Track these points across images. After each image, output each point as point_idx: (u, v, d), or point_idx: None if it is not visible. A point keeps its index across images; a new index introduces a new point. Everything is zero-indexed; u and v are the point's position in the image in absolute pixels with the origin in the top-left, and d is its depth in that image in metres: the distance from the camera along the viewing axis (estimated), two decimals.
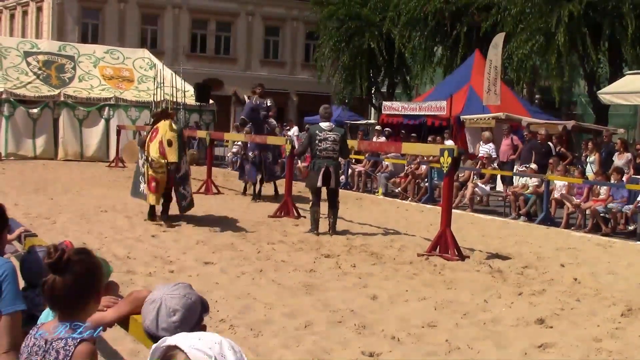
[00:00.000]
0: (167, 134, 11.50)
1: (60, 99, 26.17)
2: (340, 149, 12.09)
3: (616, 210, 13.95)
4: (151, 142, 11.89)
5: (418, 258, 9.98)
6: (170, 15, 40.78)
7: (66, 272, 2.53)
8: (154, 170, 11.79)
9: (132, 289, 5.03)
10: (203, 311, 2.60)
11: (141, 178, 12.71)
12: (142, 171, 12.62)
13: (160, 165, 11.70)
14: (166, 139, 11.45)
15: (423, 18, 27.42)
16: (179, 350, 1.94)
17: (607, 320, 7.11)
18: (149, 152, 11.83)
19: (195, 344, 1.93)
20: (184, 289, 2.61)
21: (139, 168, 13.00)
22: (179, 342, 1.95)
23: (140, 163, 12.83)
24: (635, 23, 20.96)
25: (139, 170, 12.97)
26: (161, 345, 1.99)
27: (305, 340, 6.14)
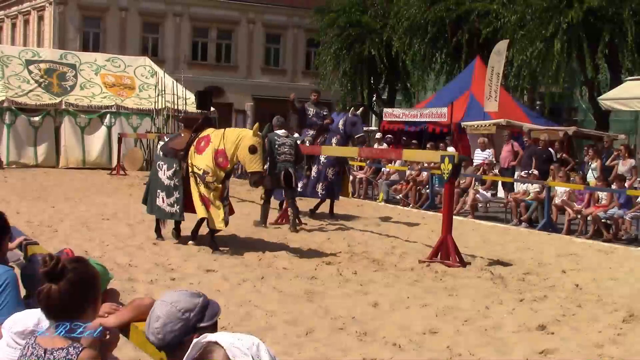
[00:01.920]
0: (250, 140, 10.12)
1: (62, 107, 26.22)
2: (295, 153, 13.18)
3: (618, 216, 13.95)
4: (199, 152, 10.57)
5: (419, 265, 9.98)
6: (172, 23, 40.84)
7: (61, 280, 2.53)
8: (205, 185, 10.41)
9: (134, 297, 5.04)
10: (200, 318, 2.57)
11: (164, 192, 10.87)
12: (171, 184, 10.82)
13: (216, 179, 10.46)
14: (248, 145, 10.07)
15: (424, 25, 27.45)
16: (219, 346, 1.99)
17: (609, 326, 7.11)
18: (196, 164, 10.51)
19: (235, 343, 2.00)
20: (176, 296, 2.61)
21: (160, 180, 10.99)
22: (219, 339, 2.02)
23: (165, 175, 10.90)
24: (635, 29, 20.98)
25: (160, 183, 11.00)
26: (202, 340, 2.05)
27: (306, 347, 6.14)
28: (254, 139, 10.20)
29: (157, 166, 11.16)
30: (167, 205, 10.84)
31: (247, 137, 10.25)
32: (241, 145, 10.18)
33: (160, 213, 11.05)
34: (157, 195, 10.97)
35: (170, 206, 10.81)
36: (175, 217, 10.95)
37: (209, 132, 10.81)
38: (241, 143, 10.20)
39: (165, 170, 10.92)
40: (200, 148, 10.65)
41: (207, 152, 10.48)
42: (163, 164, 11.01)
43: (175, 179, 10.79)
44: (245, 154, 10.15)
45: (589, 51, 22.11)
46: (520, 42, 23.32)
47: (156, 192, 11.04)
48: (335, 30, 32.47)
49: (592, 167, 16.39)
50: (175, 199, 10.74)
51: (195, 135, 10.90)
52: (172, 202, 10.78)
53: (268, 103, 42.25)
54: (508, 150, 19.38)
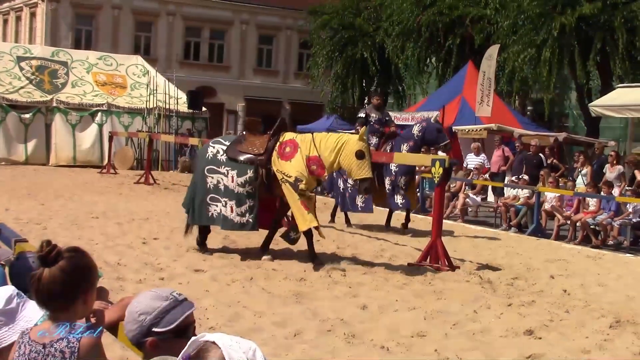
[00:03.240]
0: (355, 145, 9.48)
1: (53, 104, 26.15)
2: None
3: (606, 223, 14.02)
4: (285, 159, 9.87)
5: (408, 268, 9.99)
6: (164, 23, 40.78)
7: (55, 266, 2.54)
8: (300, 192, 9.73)
9: (122, 296, 5.03)
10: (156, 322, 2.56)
11: (234, 200, 10.05)
12: (243, 192, 10.02)
13: (309, 188, 9.85)
14: (355, 151, 9.43)
15: (417, 29, 27.51)
16: (216, 347, 2.01)
17: (596, 332, 7.14)
18: (285, 170, 9.79)
19: (233, 345, 2.01)
20: (142, 297, 2.62)
21: (224, 188, 10.13)
22: (217, 339, 2.03)
23: (235, 182, 10.06)
24: (626, 37, 21.09)
25: (225, 191, 10.10)
26: (200, 339, 2.06)
27: (294, 349, 6.14)
28: (360, 144, 9.54)
29: (219, 172, 10.15)
30: (236, 215, 10.00)
31: (352, 142, 9.57)
32: (345, 151, 9.52)
33: (227, 224, 10.17)
34: (224, 204, 10.04)
35: (240, 216, 10.01)
36: (246, 228, 10.16)
37: (292, 137, 10.16)
38: (345, 149, 9.53)
39: (235, 176, 10.03)
40: (285, 154, 9.91)
41: (297, 159, 9.77)
42: (230, 169, 10.08)
43: (248, 187, 9.99)
44: (351, 161, 9.48)
45: (580, 58, 22.21)
46: (512, 47, 23.41)
47: (216, 201, 10.11)
48: (328, 33, 32.54)
49: (582, 173, 16.46)
50: (247, 207, 9.99)
51: (275, 139, 10.12)
52: (244, 212, 10.00)
53: (260, 104, 42.25)
54: (499, 155, 19.44)
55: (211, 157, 10.33)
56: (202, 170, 10.37)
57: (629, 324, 7.50)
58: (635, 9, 21.10)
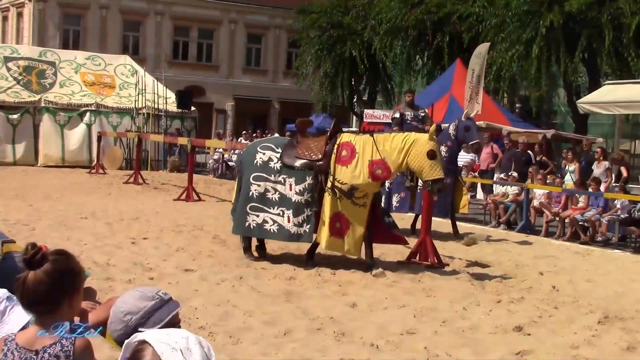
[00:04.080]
0: (426, 145, 9.05)
1: (41, 104, 26.06)
2: None
3: (595, 219, 14.08)
4: (342, 164, 9.30)
5: (398, 266, 10.00)
6: (153, 22, 40.70)
7: (40, 269, 2.53)
8: (352, 202, 9.23)
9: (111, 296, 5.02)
10: (142, 322, 2.55)
11: (291, 210, 9.53)
12: (302, 200, 9.51)
13: (366, 194, 9.34)
14: (426, 151, 9.00)
15: (404, 27, 27.55)
16: (147, 344, 2.00)
17: (585, 328, 7.17)
18: (341, 177, 9.24)
19: (163, 339, 2.01)
20: (128, 296, 2.63)
21: (280, 197, 9.60)
22: (147, 336, 2.03)
23: (293, 190, 9.54)
24: (613, 34, 21.18)
25: (282, 200, 9.59)
26: (133, 341, 2.06)
27: (284, 347, 6.15)
28: (431, 143, 9.07)
29: (272, 180, 9.62)
30: (292, 225, 9.47)
31: (422, 142, 9.10)
32: (414, 152, 9.06)
33: (281, 234, 9.63)
34: (280, 214, 9.53)
35: (297, 226, 9.49)
36: (303, 239, 9.63)
37: (348, 139, 9.57)
38: (413, 149, 9.07)
39: (293, 184, 9.47)
40: (342, 158, 9.34)
41: (357, 164, 9.24)
42: (287, 177, 9.54)
43: (307, 194, 9.45)
44: (422, 161, 9.02)
45: (568, 55, 22.29)
46: (500, 45, 23.47)
47: (257, 210, 9.63)
48: (317, 31, 32.53)
49: (570, 170, 16.53)
50: (305, 217, 9.46)
51: (333, 142, 9.55)
52: (301, 222, 9.47)
53: (249, 103, 42.29)
54: (487, 153, 19.49)
55: (260, 163, 9.71)
56: (247, 178, 9.76)
57: (617, 319, 7.54)
58: (622, 5, 21.19)
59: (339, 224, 9.31)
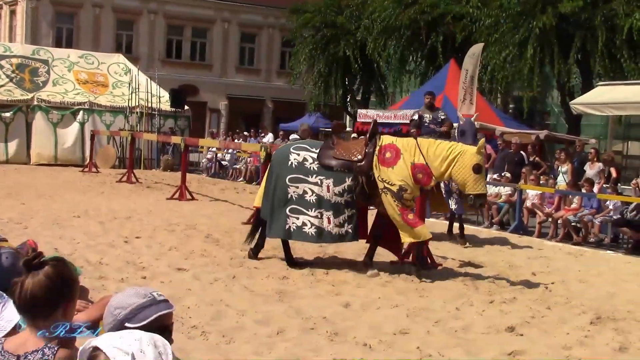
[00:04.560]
0: (473, 158, 8.94)
1: (34, 102, 25.99)
2: None
3: (587, 220, 14.12)
4: (386, 165, 9.21)
5: (391, 266, 10.00)
6: (146, 21, 40.63)
7: (39, 272, 2.53)
8: (402, 203, 9.14)
9: (104, 295, 5.01)
10: (129, 318, 2.55)
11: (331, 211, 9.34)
12: (341, 201, 9.33)
13: (412, 198, 9.30)
14: (473, 164, 8.89)
15: (398, 27, 27.55)
16: (100, 351, 2.00)
17: (577, 329, 7.19)
18: (387, 177, 9.15)
19: (114, 343, 2.01)
20: (122, 293, 2.62)
21: (318, 198, 9.38)
22: (99, 342, 2.03)
23: (332, 191, 9.35)
24: (606, 35, 21.23)
25: (320, 202, 9.37)
26: (87, 347, 2.06)
27: (277, 347, 6.15)
28: (478, 157, 8.96)
29: (309, 182, 9.41)
30: (334, 226, 9.31)
31: (469, 154, 8.98)
32: (459, 163, 8.95)
33: (323, 237, 9.42)
34: (319, 216, 9.32)
35: (339, 226, 9.33)
36: (346, 239, 9.49)
37: (391, 141, 9.46)
38: (459, 160, 8.96)
39: (332, 185, 9.32)
40: (386, 159, 9.23)
41: (400, 166, 9.14)
42: (325, 178, 9.36)
43: (347, 195, 9.30)
44: (467, 174, 8.93)
45: (561, 56, 22.33)
46: (494, 45, 23.50)
47: (297, 212, 9.41)
48: (310, 31, 32.50)
49: (563, 171, 16.56)
50: (346, 217, 9.32)
51: (373, 143, 9.41)
52: (342, 222, 9.33)
53: (242, 102, 42.26)
54: None
55: (296, 165, 9.54)
56: (283, 180, 9.54)
57: (610, 320, 7.57)
58: (615, 7, 21.24)
59: (411, 215, 9.20)
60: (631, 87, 19.59)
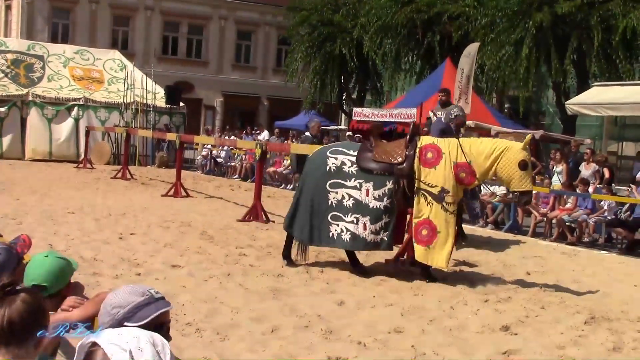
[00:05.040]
0: (518, 154, 8.70)
1: (29, 98, 25.93)
2: None
3: (582, 220, 14.14)
4: (428, 166, 8.93)
5: (386, 264, 10.00)
6: (142, 17, 40.56)
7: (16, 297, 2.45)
8: (442, 207, 8.83)
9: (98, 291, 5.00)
10: (128, 317, 2.54)
11: (368, 216, 9.03)
12: (380, 206, 9.01)
13: (454, 200, 8.94)
14: (518, 161, 8.65)
15: (394, 26, 27.54)
16: (98, 346, 2.00)
17: (571, 328, 7.20)
18: (429, 180, 8.87)
19: (113, 339, 2.00)
20: (119, 291, 2.61)
21: (355, 203, 9.10)
22: (98, 338, 2.02)
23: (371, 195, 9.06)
24: (602, 36, 21.26)
25: (358, 207, 9.08)
26: (85, 342, 2.05)
27: (271, 344, 6.14)
28: (524, 153, 8.72)
29: (347, 186, 9.12)
30: (370, 232, 9.00)
31: (514, 150, 8.74)
32: (504, 160, 8.68)
33: (357, 243, 9.13)
34: (354, 221, 9.03)
35: (374, 234, 9.01)
36: (381, 247, 9.17)
37: (431, 141, 9.19)
38: (504, 157, 8.69)
39: (371, 189, 9.01)
40: (427, 160, 8.94)
41: (443, 166, 8.86)
42: (364, 182, 9.05)
43: (386, 200, 8.99)
44: (513, 171, 8.66)
45: (557, 56, 22.35)
46: (490, 45, 23.51)
47: (337, 219, 9.12)
48: (307, 29, 32.47)
49: (558, 171, 16.59)
50: (383, 224, 9.00)
51: (414, 145, 9.12)
52: (379, 229, 9.00)
53: (238, 99, 42.23)
54: None
55: (334, 169, 9.23)
56: (322, 185, 9.23)
57: (604, 320, 7.58)
58: (611, 7, 21.27)
59: (425, 231, 8.89)
60: (626, 87, 19.64)
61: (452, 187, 8.80)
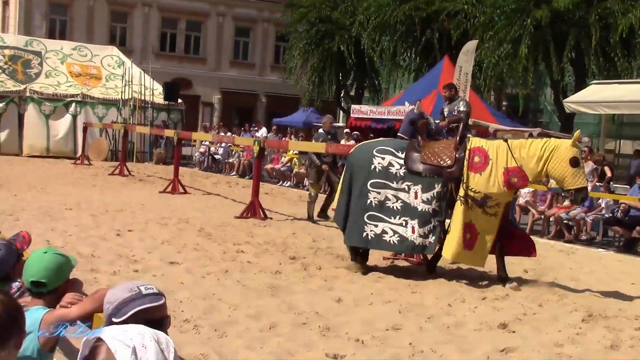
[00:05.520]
0: (569, 151, 8.50)
1: (26, 94, 25.89)
2: None
3: (579, 218, 14.15)
4: (474, 170, 8.74)
5: (383, 261, 10.01)
6: (140, 13, 40.50)
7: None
8: (484, 211, 8.70)
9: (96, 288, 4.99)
10: (115, 312, 2.53)
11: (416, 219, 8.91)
12: (429, 210, 8.92)
13: (499, 204, 8.79)
14: (569, 158, 8.45)
15: (393, 23, 27.54)
16: (102, 342, 2.00)
17: (568, 326, 7.21)
18: (474, 185, 8.71)
19: (117, 335, 2.00)
20: (114, 288, 2.61)
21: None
22: (103, 333, 2.02)
23: (420, 198, 8.92)
24: (600, 33, 21.27)
25: (406, 209, 8.95)
26: (90, 337, 2.05)
27: (269, 341, 6.14)
28: (574, 150, 8.52)
29: (393, 188, 8.98)
30: (417, 236, 8.89)
31: (564, 148, 8.55)
32: (555, 159, 8.49)
33: (403, 246, 9.05)
34: (403, 224, 8.91)
35: (422, 237, 8.91)
36: (427, 251, 9.11)
37: (479, 144, 8.99)
38: (554, 156, 8.49)
39: (419, 192, 8.88)
40: (475, 165, 8.76)
41: (491, 171, 8.68)
42: (412, 184, 8.91)
43: (435, 203, 8.88)
44: (565, 169, 8.45)
45: (555, 54, 22.37)
46: (488, 42, 23.52)
47: (377, 220, 9.00)
48: (305, 26, 32.47)
49: None
50: (431, 227, 8.90)
51: (463, 148, 8.93)
52: (427, 232, 8.90)
53: (236, 96, 42.18)
54: None
55: (380, 169, 9.05)
56: (363, 184, 9.07)
57: (601, 317, 7.59)
58: (610, 5, 21.29)
59: (469, 235, 8.81)
60: (624, 85, 19.65)
61: (497, 193, 8.65)
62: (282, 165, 23.37)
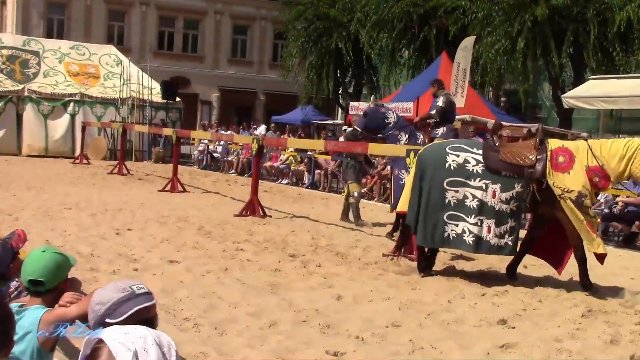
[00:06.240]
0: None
1: (25, 94, 25.88)
2: None
3: None
4: (561, 170, 8.54)
5: (383, 258, 10.01)
6: (138, 12, 40.47)
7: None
8: (583, 212, 8.44)
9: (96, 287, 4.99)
10: (109, 313, 2.53)
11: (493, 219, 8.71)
12: (506, 209, 8.70)
13: (590, 205, 8.64)
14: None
15: (391, 20, 27.53)
16: (104, 343, 1.99)
17: (568, 321, 7.21)
18: (564, 184, 8.47)
19: (119, 337, 1.99)
20: (105, 288, 2.61)
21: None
22: (104, 335, 2.01)
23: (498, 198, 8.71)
24: (598, 29, 21.27)
25: (482, 208, 8.71)
26: (92, 338, 2.05)
27: (269, 339, 6.14)
28: None
29: (471, 186, 8.74)
30: (494, 236, 8.72)
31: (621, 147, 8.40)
32: (639, 158, 8.33)
33: (479, 246, 8.82)
34: (478, 223, 8.70)
35: (498, 237, 8.73)
36: (504, 252, 8.89)
37: (560, 144, 8.86)
38: (638, 155, 8.31)
39: (498, 191, 8.66)
40: (559, 165, 8.59)
41: (577, 171, 8.48)
42: (491, 183, 8.69)
43: (513, 203, 8.68)
44: (628, 168, 8.35)
45: (553, 49, 22.36)
46: (486, 38, 23.51)
47: (456, 219, 8.78)
48: (303, 23, 32.46)
49: None
50: (508, 228, 8.72)
51: (544, 147, 8.78)
52: (503, 233, 8.73)
53: (234, 94, 42.18)
54: None
55: (455, 167, 8.82)
56: (439, 183, 8.83)
57: (601, 313, 7.59)
58: (608, 0, 21.28)
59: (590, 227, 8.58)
60: (623, 80, 19.64)
61: (588, 191, 8.44)
62: (281, 163, 23.38)
